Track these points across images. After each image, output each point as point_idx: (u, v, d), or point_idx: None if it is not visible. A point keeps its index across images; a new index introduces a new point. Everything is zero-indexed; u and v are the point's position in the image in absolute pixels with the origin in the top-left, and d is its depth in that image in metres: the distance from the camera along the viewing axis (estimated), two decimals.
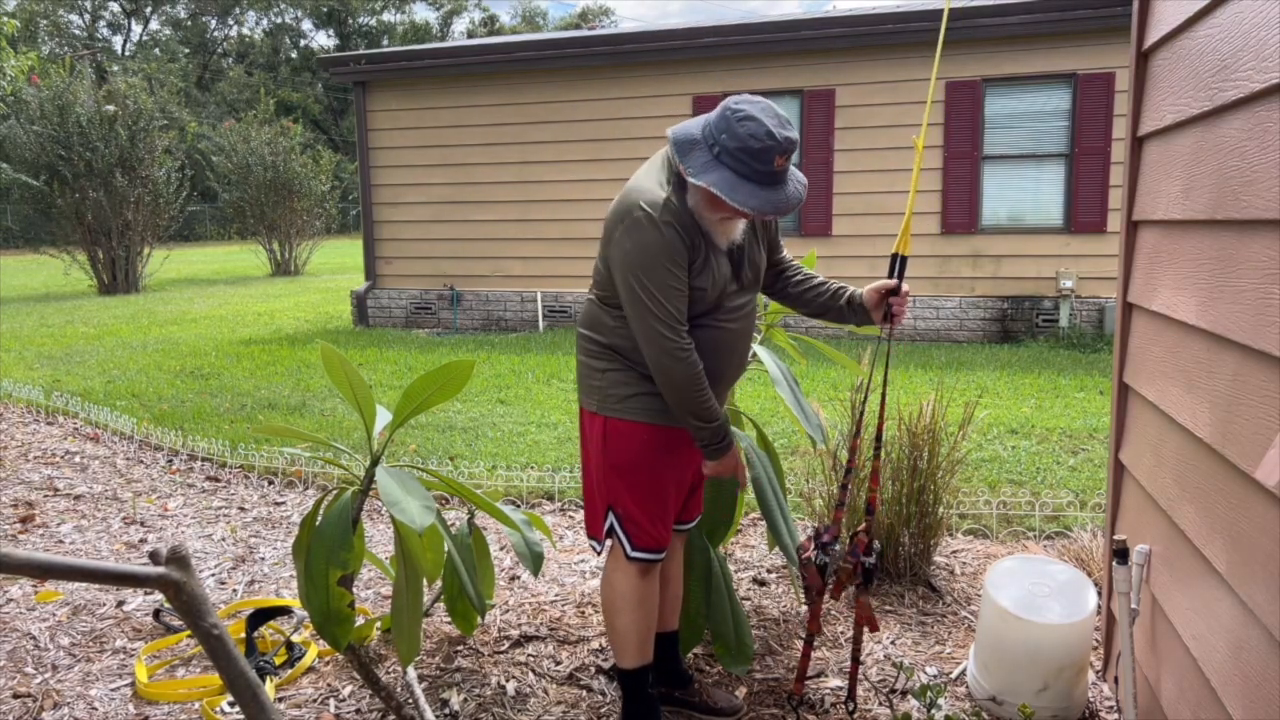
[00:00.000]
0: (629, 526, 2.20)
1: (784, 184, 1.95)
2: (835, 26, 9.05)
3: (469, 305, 10.69)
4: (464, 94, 10.39)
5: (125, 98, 15.62)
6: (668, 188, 2.03)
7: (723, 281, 2.10)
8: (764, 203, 1.91)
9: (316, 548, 2.06)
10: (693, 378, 2.04)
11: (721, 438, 2.13)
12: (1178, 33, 1.99)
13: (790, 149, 1.91)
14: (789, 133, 1.91)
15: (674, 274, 2.00)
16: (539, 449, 5.10)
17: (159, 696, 2.56)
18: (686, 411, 2.08)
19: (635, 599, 2.24)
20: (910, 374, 7.18)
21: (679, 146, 1.96)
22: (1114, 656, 2.43)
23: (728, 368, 2.21)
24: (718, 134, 1.92)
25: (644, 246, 1.99)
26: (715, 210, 2.00)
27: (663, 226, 1.98)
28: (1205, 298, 1.76)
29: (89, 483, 4.68)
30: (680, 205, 2.01)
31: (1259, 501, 1.49)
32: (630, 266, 2.01)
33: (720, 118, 1.93)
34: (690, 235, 2.01)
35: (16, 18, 26.13)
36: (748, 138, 1.88)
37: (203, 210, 35.92)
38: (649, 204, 2.00)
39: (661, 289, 2.00)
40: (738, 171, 1.91)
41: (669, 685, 2.48)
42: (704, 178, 1.91)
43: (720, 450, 2.15)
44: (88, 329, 10.69)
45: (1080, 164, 8.63)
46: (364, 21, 53.19)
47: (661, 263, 1.99)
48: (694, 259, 2.03)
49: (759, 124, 1.89)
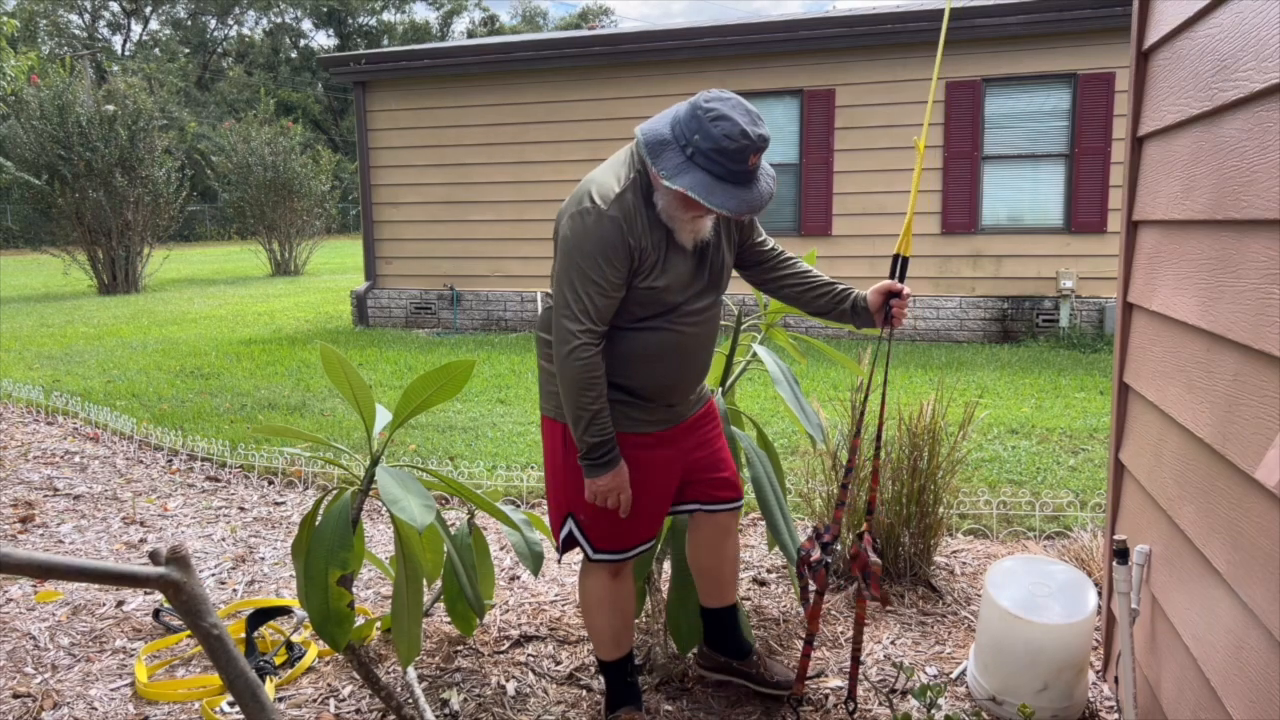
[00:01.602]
0: (589, 531, 2.19)
1: (757, 181, 1.92)
2: (835, 26, 9.05)
3: (469, 305, 10.69)
4: (464, 94, 10.40)
5: (125, 98, 15.62)
6: (625, 183, 1.98)
7: (685, 281, 2.06)
8: (740, 203, 1.87)
9: (316, 547, 2.06)
10: (582, 382, 1.98)
11: (599, 455, 2.05)
12: (1178, 33, 1.99)
13: (763, 146, 1.88)
14: (762, 130, 1.87)
15: (604, 270, 1.94)
16: (538, 449, 5.10)
17: (159, 696, 2.55)
18: (569, 415, 2.03)
19: (607, 600, 2.25)
20: (910, 374, 7.18)
21: (650, 148, 1.90)
22: (1114, 656, 2.43)
23: (687, 372, 2.16)
24: (690, 134, 1.86)
25: (582, 235, 1.94)
26: (688, 211, 1.97)
27: (607, 220, 1.93)
28: (1205, 298, 1.76)
29: (89, 483, 4.68)
30: (636, 202, 1.96)
31: (1259, 501, 1.49)
32: (564, 253, 1.97)
33: (691, 116, 1.87)
34: (641, 234, 1.97)
35: (16, 18, 26.14)
36: (722, 138, 1.83)
37: (203, 210, 35.93)
38: (600, 196, 1.95)
39: (584, 280, 1.95)
40: (713, 173, 1.86)
41: (729, 655, 2.50)
42: (679, 181, 1.85)
43: (595, 468, 2.06)
44: (88, 329, 10.69)
45: (1080, 164, 8.63)
46: (364, 21, 53.19)
47: (593, 255, 1.93)
48: (644, 259, 1.98)
49: (733, 123, 1.84)
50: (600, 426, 2.03)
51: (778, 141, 9.35)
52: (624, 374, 2.10)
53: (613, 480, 2.08)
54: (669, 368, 2.11)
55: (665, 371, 2.10)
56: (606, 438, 2.05)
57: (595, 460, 2.06)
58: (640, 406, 2.15)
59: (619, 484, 2.09)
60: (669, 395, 2.16)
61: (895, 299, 2.21)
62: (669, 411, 2.20)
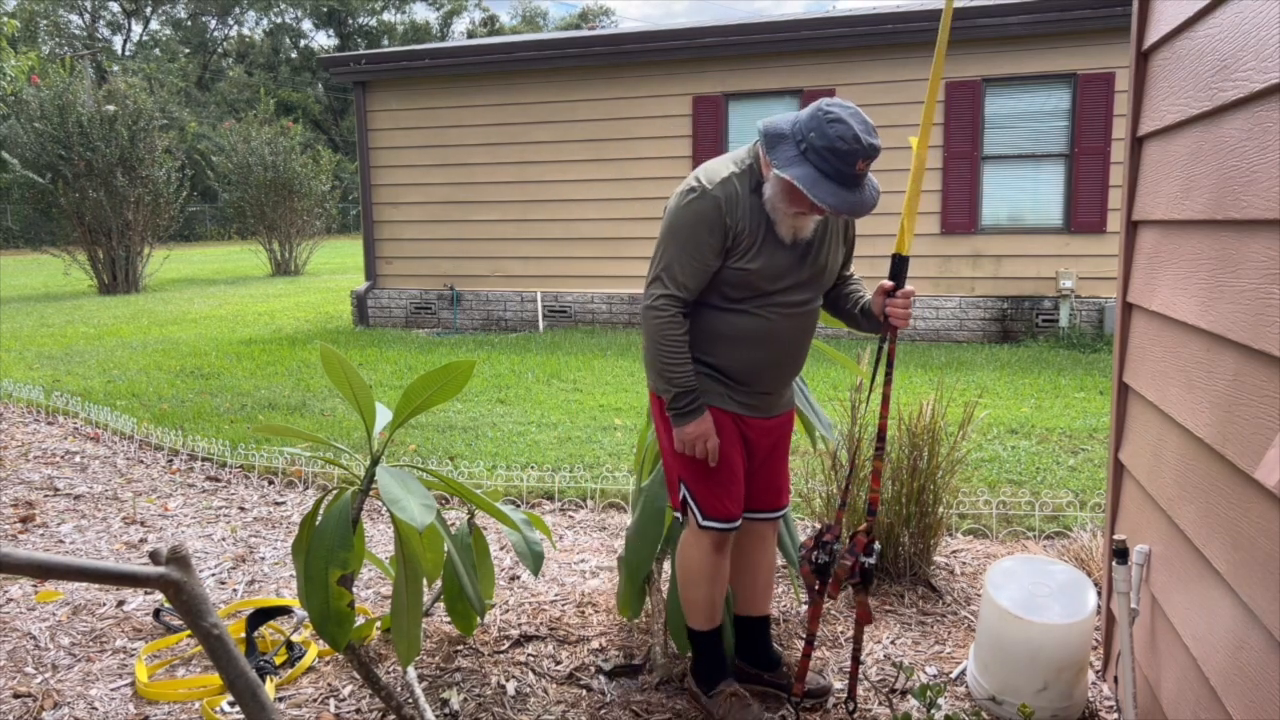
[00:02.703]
0: (698, 497, 2.30)
1: (861, 188, 2.04)
2: (835, 26, 9.05)
3: (469, 305, 10.69)
4: (464, 94, 10.40)
5: (125, 98, 15.62)
6: (737, 167, 2.15)
7: (779, 271, 2.17)
8: (842, 202, 2.00)
9: (316, 547, 2.06)
10: (660, 336, 2.15)
11: (683, 405, 2.19)
12: (1178, 33, 1.99)
13: (874, 155, 2.01)
14: (875, 140, 2.02)
15: (697, 242, 2.11)
16: (539, 449, 5.10)
17: (159, 696, 2.56)
18: (650, 366, 2.20)
19: (708, 572, 2.35)
20: (910, 374, 7.18)
21: (768, 139, 2.05)
22: (1114, 656, 2.43)
23: (775, 360, 2.26)
24: (806, 131, 2.01)
25: (682, 209, 2.13)
26: (792, 204, 2.09)
27: (709, 197, 2.10)
28: (1205, 298, 1.76)
29: (89, 482, 4.68)
30: (741, 188, 2.12)
31: (1259, 501, 1.49)
32: (666, 224, 2.17)
33: (811, 116, 2.02)
34: (742, 216, 2.11)
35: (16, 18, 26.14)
36: (836, 138, 1.97)
37: (203, 210, 35.93)
38: (707, 178, 2.13)
39: (678, 249, 2.13)
40: (821, 169, 1.99)
41: (759, 668, 2.54)
42: (789, 170, 2.00)
43: (680, 416, 2.20)
44: (88, 329, 10.69)
45: (1080, 164, 8.63)
46: (364, 21, 53.20)
47: (690, 227, 2.11)
48: (739, 241, 2.12)
49: (848, 127, 1.98)
50: (681, 377, 2.17)
51: None
52: (715, 352, 2.24)
53: (698, 428, 2.20)
54: (758, 352, 2.23)
55: (754, 356, 2.23)
56: (688, 388, 2.18)
57: (679, 409, 2.19)
58: (730, 386, 2.27)
59: (704, 431, 2.21)
60: (757, 380, 2.27)
61: (890, 298, 2.22)
62: (759, 399, 2.30)
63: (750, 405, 2.29)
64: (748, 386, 2.27)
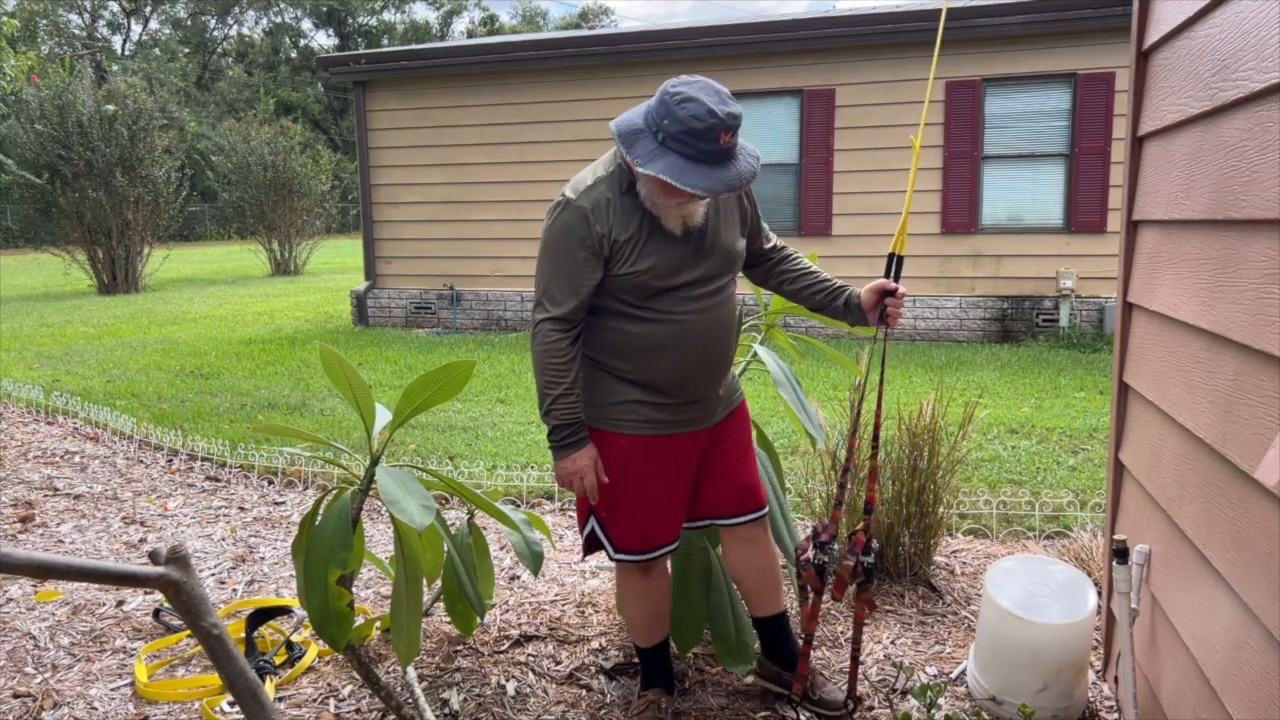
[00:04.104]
0: (610, 530, 2.23)
1: (734, 160, 1.92)
2: (835, 26, 9.05)
3: (469, 305, 10.69)
4: (464, 94, 10.39)
5: (125, 97, 15.61)
6: (605, 171, 2.06)
7: (674, 265, 2.06)
8: (716, 183, 1.87)
9: (316, 547, 2.06)
10: (544, 364, 2.08)
11: (561, 438, 2.10)
12: (1178, 32, 1.99)
13: (734, 124, 1.87)
14: (731, 108, 1.87)
15: (570, 257, 2.03)
16: (539, 449, 5.10)
17: (159, 696, 2.55)
18: (538, 395, 2.13)
19: (638, 593, 2.31)
20: (910, 374, 7.18)
21: (624, 138, 1.93)
22: (1114, 656, 2.43)
23: (700, 362, 2.13)
24: (660, 120, 1.89)
25: (551, 226, 2.06)
26: (670, 196, 1.97)
27: (573, 208, 2.02)
28: (1205, 298, 1.75)
29: (89, 482, 4.68)
30: (613, 191, 2.03)
31: (1259, 501, 1.49)
32: (540, 243, 2.10)
33: (660, 103, 1.90)
34: (615, 222, 2.01)
35: (16, 18, 26.13)
36: (690, 119, 1.84)
37: (203, 210, 35.92)
38: (573, 188, 2.05)
39: (554, 268, 2.05)
40: (685, 155, 1.87)
41: (780, 665, 2.49)
42: (652, 166, 1.87)
43: (559, 449, 2.12)
44: (87, 329, 10.69)
45: (1080, 164, 8.63)
46: (364, 21, 53.20)
47: (562, 241, 2.03)
48: (619, 246, 2.02)
49: (699, 104, 1.85)
50: (563, 410, 2.09)
51: (777, 142, 9.36)
52: (637, 368, 2.12)
53: (574, 464, 2.12)
54: (674, 358, 2.10)
55: (671, 362, 2.10)
56: (569, 420, 2.10)
57: (558, 442, 2.12)
58: (662, 407, 2.15)
59: (580, 468, 2.12)
60: (682, 389, 2.14)
61: (890, 298, 2.21)
62: (689, 410, 2.18)
63: (680, 421, 2.17)
64: (673, 398, 2.14)
